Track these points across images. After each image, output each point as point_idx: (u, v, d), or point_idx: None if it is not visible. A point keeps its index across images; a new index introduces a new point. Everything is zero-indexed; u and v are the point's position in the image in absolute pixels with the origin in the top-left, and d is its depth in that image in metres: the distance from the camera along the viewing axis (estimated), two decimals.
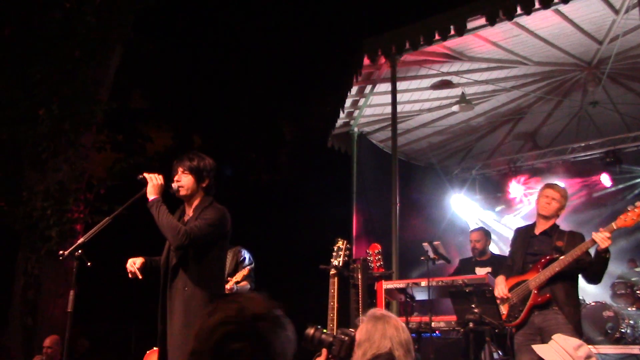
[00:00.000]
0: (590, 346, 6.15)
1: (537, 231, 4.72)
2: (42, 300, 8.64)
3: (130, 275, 3.78)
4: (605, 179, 9.02)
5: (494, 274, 6.34)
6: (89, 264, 3.48)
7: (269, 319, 1.52)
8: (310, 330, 3.35)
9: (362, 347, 2.98)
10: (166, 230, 3.70)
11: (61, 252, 3.50)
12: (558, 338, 3.03)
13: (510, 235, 9.99)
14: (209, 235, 3.75)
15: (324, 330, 3.44)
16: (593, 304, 7.38)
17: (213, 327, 1.49)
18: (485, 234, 7.20)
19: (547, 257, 4.50)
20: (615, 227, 4.28)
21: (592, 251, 4.45)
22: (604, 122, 9.07)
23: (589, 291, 8.04)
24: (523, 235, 4.85)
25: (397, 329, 2.99)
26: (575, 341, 3.02)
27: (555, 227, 4.71)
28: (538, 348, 3.01)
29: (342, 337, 3.20)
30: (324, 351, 3.34)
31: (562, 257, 4.40)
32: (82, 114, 8.92)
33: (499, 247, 10.02)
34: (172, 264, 3.77)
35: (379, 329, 2.99)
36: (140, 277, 3.76)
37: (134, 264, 3.80)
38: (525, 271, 4.62)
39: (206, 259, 3.79)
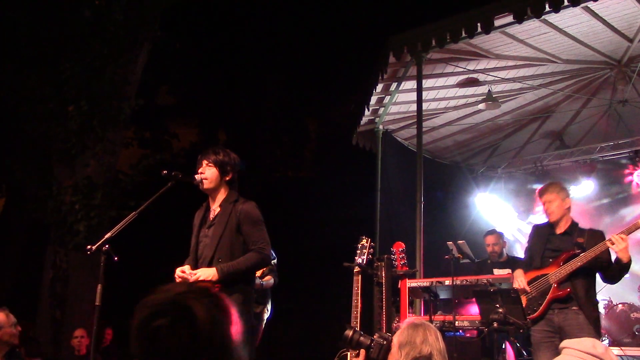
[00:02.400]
0: (616, 348, 6.09)
1: (559, 231, 4.68)
2: (70, 294, 8.79)
3: None
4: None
5: None
6: (115, 258, 3.53)
7: (192, 291, 1.48)
8: (349, 332, 3.50)
9: (404, 349, 3.09)
10: (254, 269, 3.95)
11: (89, 246, 3.54)
12: (570, 343, 2.99)
13: None
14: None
15: (362, 333, 3.52)
16: (621, 305, 7.29)
17: (138, 312, 1.46)
18: (501, 236, 7.18)
19: (569, 252, 4.46)
20: None
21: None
22: (634, 121, 8.91)
23: (616, 292, 7.94)
24: (542, 231, 4.81)
25: (437, 338, 3.13)
26: (588, 340, 2.99)
27: (574, 225, 4.68)
28: None
29: (381, 340, 3.39)
30: (362, 352, 3.47)
31: (584, 253, 4.37)
32: (111, 111, 9.05)
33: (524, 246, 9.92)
34: (207, 260, 3.78)
35: (420, 334, 3.10)
36: None
37: (182, 272, 3.80)
38: (545, 266, 4.59)
39: (241, 254, 3.81)
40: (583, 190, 9.18)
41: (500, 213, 10.11)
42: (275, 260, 6.36)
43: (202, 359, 1.42)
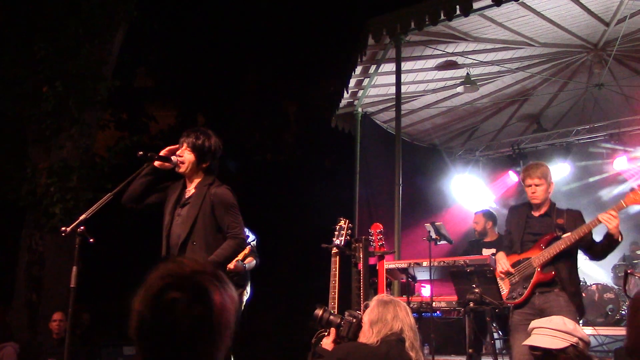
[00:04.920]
0: (590, 327, 6.19)
1: (538, 213, 4.62)
2: (46, 277, 8.71)
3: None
4: (619, 163, 8.92)
5: None
6: (91, 240, 3.48)
7: (208, 273, 1.53)
8: (319, 311, 3.52)
9: (376, 326, 3.14)
10: (235, 255, 4.07)
11: (63, 228, 3.48)
12: (539, 323, 3.00)
13: None
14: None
15: (332, 312, 3.54)
16: (594, 286, 7.41)
17: (152, 282, 1.49)
18: (485, 216, 7.20)
19: (551, 235, 4.42)
20: (624, 205, 4.22)
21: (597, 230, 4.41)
22: (609, 105, 9.01)
23: (590, 273, 8.08)
24: (520, 214, 4.75)
25: (407, 313, 3.20)
26: (558, 317, 3.03)
27: (552, 206, 4.63)
28: (532, 341, 2.98)
29: (350, 318, 3.41)
30: (333, 331, 3.48)
31: (568, 235, 4.32)
32: (86, 92, 8.90)
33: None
34: (181, 241, 3.75)
35: (390, 311, 3.15)
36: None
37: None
38: (525, 250, 4.55)
39: (214, 236, 3.78)
40: (559, 172, 9.27)
41: (477, 195, 10.18)
42: (255, 242, 6.34)
43: (205, 340, 1.47)
